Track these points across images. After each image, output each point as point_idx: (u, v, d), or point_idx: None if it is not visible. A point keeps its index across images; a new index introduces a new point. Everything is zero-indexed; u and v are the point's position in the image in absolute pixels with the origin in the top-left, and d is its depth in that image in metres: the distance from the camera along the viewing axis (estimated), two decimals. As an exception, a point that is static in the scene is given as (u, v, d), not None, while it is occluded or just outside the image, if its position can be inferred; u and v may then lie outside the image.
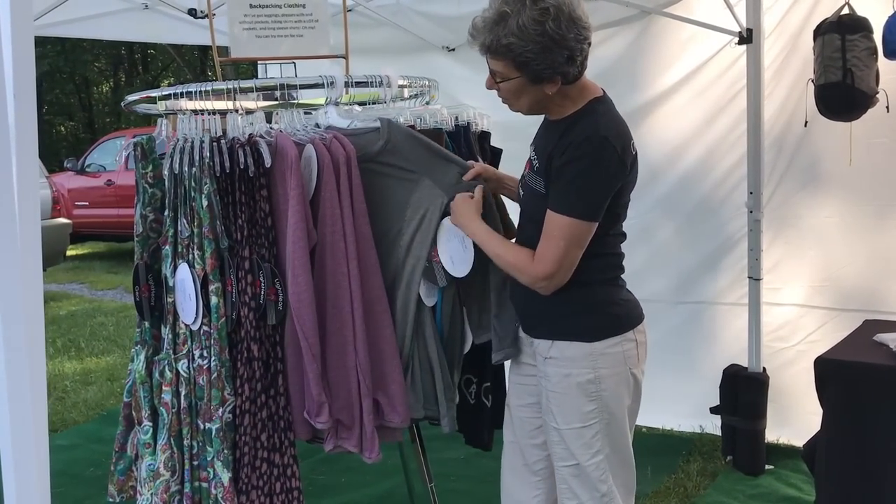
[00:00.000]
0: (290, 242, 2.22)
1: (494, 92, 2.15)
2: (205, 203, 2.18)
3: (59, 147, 22.87)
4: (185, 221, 2.23)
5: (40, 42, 19.16)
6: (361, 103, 2.59)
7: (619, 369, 2.17)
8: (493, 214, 2.34)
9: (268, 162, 2.20)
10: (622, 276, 2.25)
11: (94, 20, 4.71)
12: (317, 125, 2.38)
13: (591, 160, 2.02)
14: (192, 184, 2.20)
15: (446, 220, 2.33)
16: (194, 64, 20.14)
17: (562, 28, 1.95)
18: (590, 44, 2.04)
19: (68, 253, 9.80)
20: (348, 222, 2.29)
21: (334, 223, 2.29)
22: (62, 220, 8.92)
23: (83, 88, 24.46)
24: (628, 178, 2.12)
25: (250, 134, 2.26)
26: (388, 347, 2.36)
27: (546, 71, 2.01)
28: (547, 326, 2.21)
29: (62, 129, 25.22)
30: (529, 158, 2.23)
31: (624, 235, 2.24)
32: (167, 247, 2.27)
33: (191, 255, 2.22)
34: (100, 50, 21.91)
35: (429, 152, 2.35)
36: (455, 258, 2.33)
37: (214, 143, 2.20)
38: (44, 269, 8.74)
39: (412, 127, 2.42)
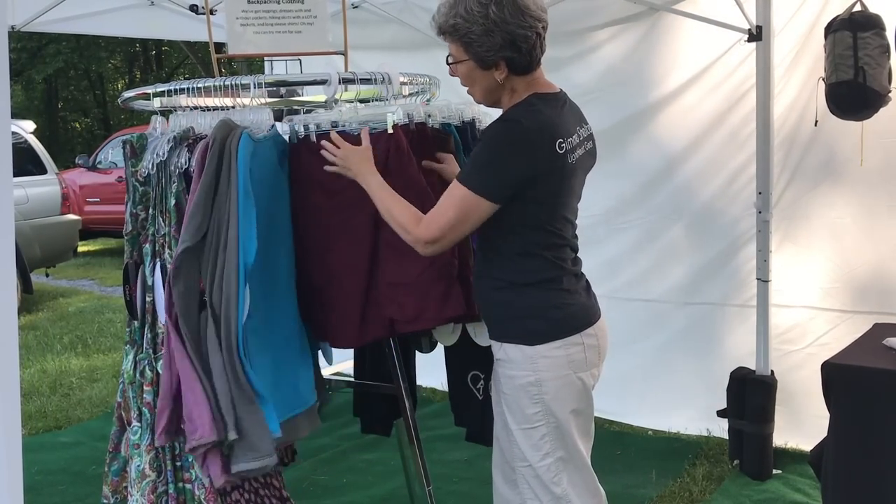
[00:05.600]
0: None
1: None
2: (172, 202, 2.18)
3: (74, 143, 22.98)
4: (161, 220, 2.21)
5: (55, 38, 19.24)
6: (363, 100, 2.55)
7: (562, 373, 2.16)
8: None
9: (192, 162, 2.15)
10: (568, 278, 2.19)
11: (100, 16, 4.72)
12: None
13: (493, 138, 2.09)
14: (164, 182, 2.19)
15: None
16: (208, 60, 20.18)
17: (504, 13, 2.03)
18: (539, 34, 2.09)
19: (79, 249, 9.81)
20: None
21: None
22: (71, 216, 8.92)
23: (98, 85, 24.54)
24: (547, 169, 2.07)
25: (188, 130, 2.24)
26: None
27: (489, 54, 2.08)
28: (495, 328, 2.24)
29: (77, 125, 25.34)
30: None
31: (569, 242, 2.21)
32: (147, 245, 2.26)
33: (165, 254, 2.21)
34: (115, 47, 21.96)
35: None
36: None
37: (176, 142, 2.18)
38: (53, 266, 8.70)
39: (421, 125, 2.39)
